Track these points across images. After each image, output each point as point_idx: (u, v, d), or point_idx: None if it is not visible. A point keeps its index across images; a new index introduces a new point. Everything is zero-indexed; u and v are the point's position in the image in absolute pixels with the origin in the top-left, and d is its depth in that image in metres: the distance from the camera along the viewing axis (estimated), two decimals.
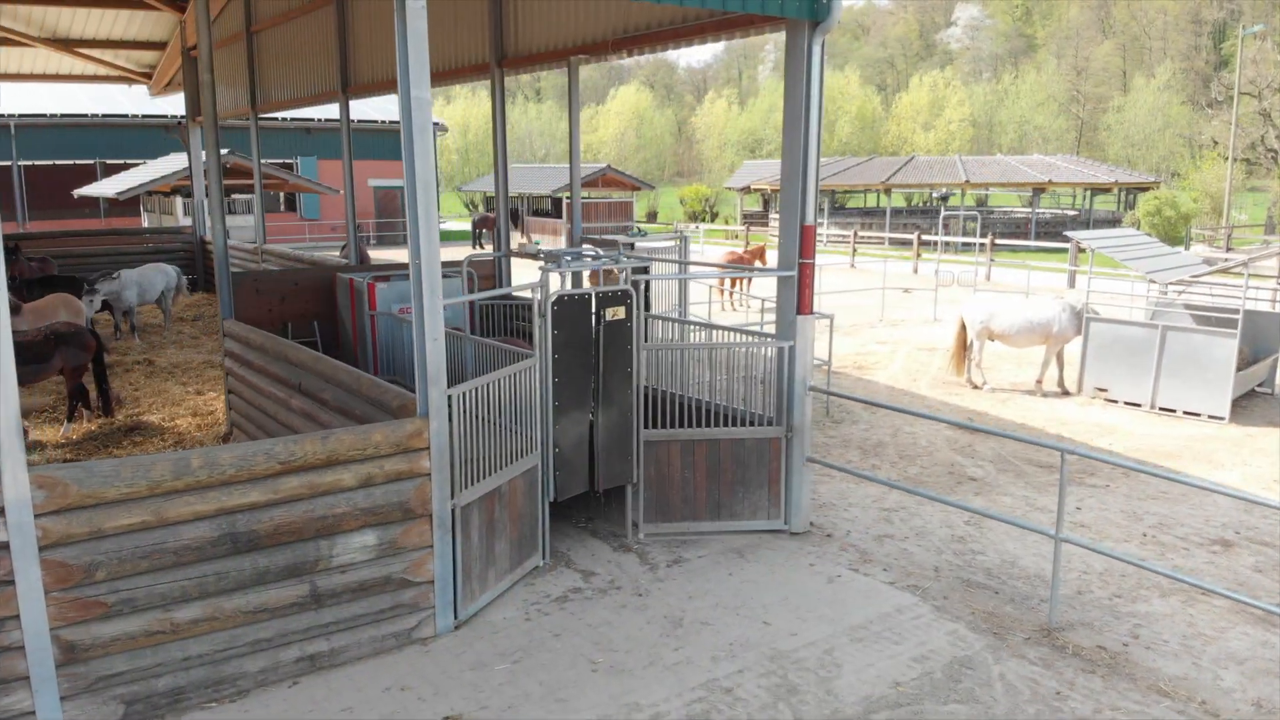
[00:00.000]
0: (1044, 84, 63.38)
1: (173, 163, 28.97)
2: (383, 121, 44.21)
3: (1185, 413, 12.18)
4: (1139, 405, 12.56)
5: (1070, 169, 41.20)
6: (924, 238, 31.59)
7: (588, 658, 6.18)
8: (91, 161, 38.20)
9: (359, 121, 43.28)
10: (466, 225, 48.31)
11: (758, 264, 22.86)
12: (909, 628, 6.61)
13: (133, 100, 36.45)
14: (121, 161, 37.08)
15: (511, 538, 7.10)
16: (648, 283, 9.99)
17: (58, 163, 37.04)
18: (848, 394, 9.15)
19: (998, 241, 33.38)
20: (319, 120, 43.42)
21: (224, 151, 31.69)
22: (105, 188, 33.63)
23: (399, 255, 29.27)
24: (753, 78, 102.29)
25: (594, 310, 7.39)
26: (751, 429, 8.03)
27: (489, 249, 32.72)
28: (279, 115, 41.78)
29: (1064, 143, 63.19)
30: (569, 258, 7.48)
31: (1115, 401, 12.79)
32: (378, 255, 28.87)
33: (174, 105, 34.39)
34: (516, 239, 40.27)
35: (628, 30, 9.51)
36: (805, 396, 8.03)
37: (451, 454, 6.33)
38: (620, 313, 7.52)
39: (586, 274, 9.49)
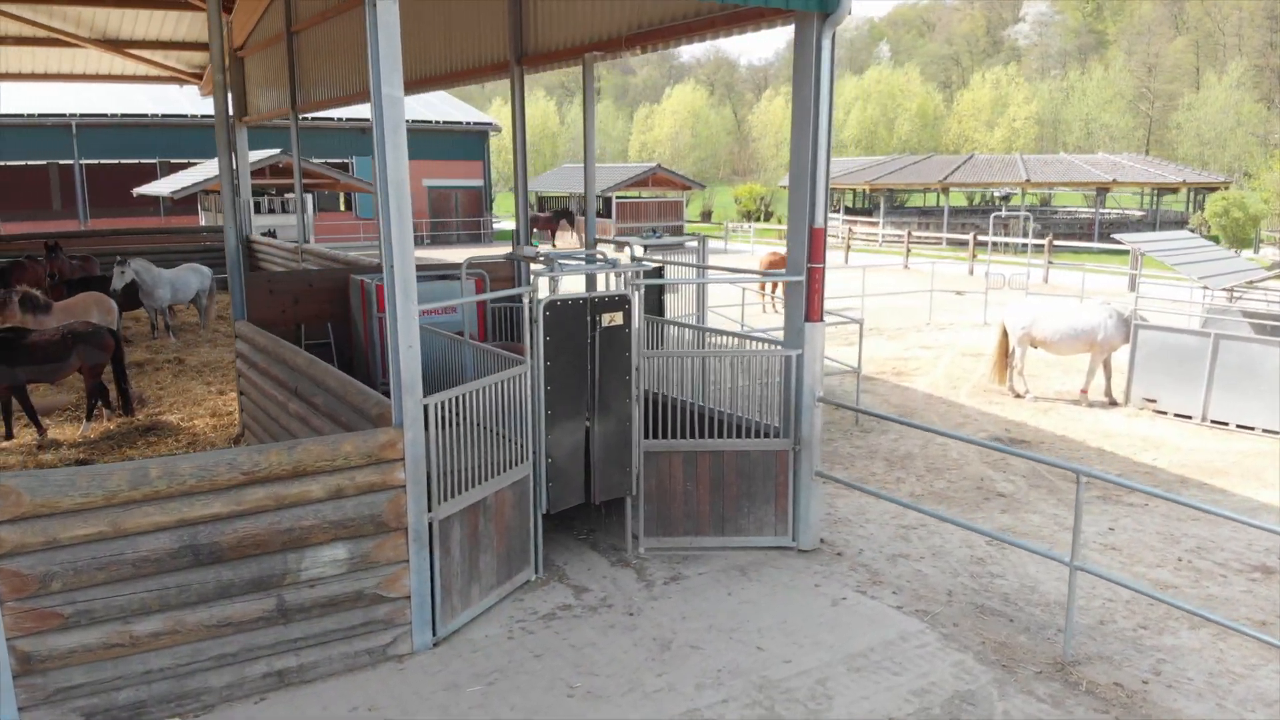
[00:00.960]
0: (1112, 81, 61.42)
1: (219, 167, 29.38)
2: (437, 122, 44.55)
3: (1238, 426, 11.48)
4: (1189, 418, 11.88)
5: (1136, 168, 39.78)
6: (980, 238, 30.66)
7: (566, 681, 5.90)
8: (152, 161, 39.06)
9: (413, 121, 43.68)
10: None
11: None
12: (912, 657, 6.21)
13: (192, 101, 37.13)
14: (185, 161, 37.85)
15: (498, 552, 6.85)
16: (661, 287, 9.71)
17: (118, 162, 37.92)
18: (862, 408, 8.73)
19: (1058, 243, 32.36)
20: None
21: (276, 151, 32.23)
22: (162, 187, 34.35)
23: (451, 255, 29.36)
24: None
25: (589, 315, 7.10)
26: (757, 440, 7.67)
27: (543, 248, 32.63)
28: (334, 115, 42.41)
29: (1132, 141, 61.17)
30: (561, 261, 7.19)
31: (1164, 413, 12.12)
32: (430, 255, 28.98)
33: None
34: (571, 238, 40.17)
35: (641, 25, 9.21)
36: (814, 408, 7.64)
37: (429, 465, 6.09)
38: (618, 318, 7.22)
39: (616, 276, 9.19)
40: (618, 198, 41.03)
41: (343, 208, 43.88)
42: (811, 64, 7.11)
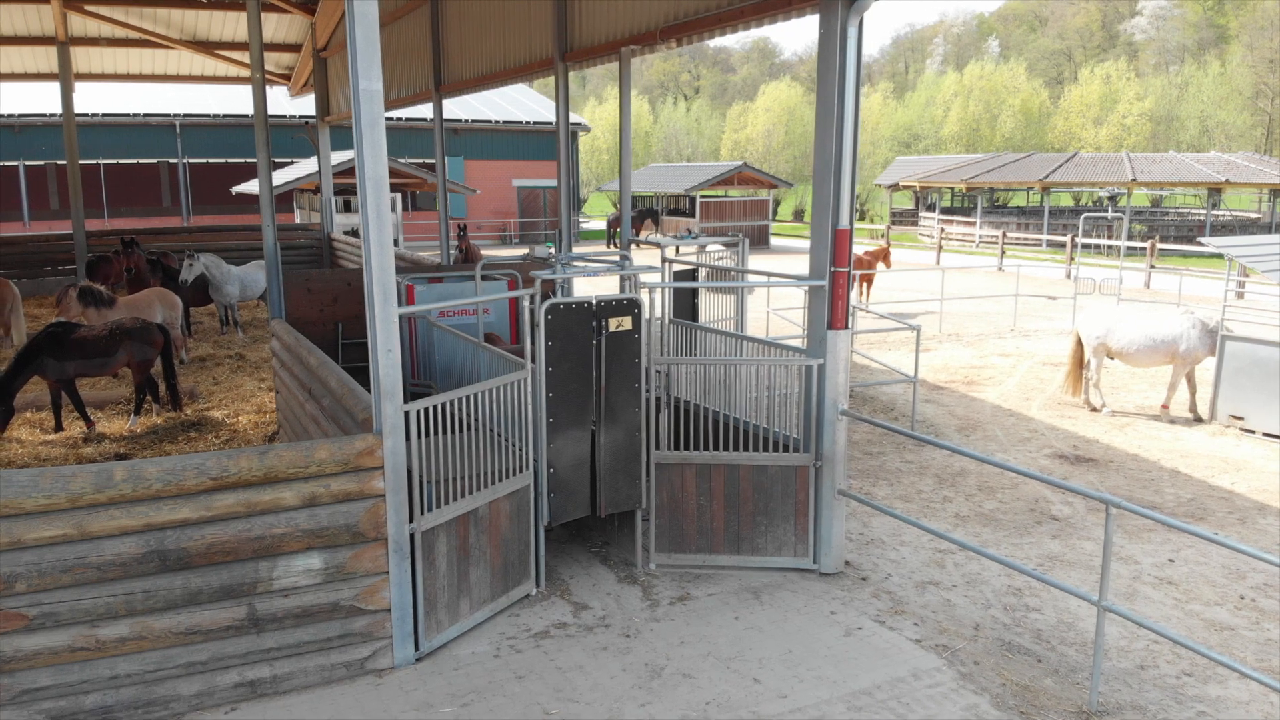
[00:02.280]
0: (1229, 76, 57.94)
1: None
2: (527, 122, 44.85)
3: None
4: (1279, 438, 10.90)
5: (1252, 168, 37.35)
6: (1078, 240, 29.23)
7: (543, 707, 5.60)
8: (253, 160, 40.32)
9: (504, 122, 44.14)
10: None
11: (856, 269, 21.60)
12: (921, 698, 5.71)
13: (294, 102, 38.23)
14: (288, 160, 38.96)
15: (493, 565, 6.59)
16: (694, 290, 9.33)
17: (221, 161, 39.26)
18: (884, 423, 8.19)
19: (1165, 246, 30.64)
20: (466, 121, 44.44)
21: None
22: (257, 185, 35.38)
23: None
24: (919, 70, 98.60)
25: (594, 320, 6.78)
26: (775, 455, 7.23)
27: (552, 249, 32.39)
28: (427, 116, 43.13)
29: (1250, 140, 57.60)
30: (566, 263, 6.89)
31: (1252, 432, 11.14)
32: (508, 254, 29.10)
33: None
34: (655, 238, 39.97)
35: (676, 17, 8.85)
36: (837, 421, 7.16)
37: (411, 474, 5.87)
38: (626, 323, 6.88)
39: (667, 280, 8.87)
40: (702, 196, 40.56)
41: (436, 207, 44.45)
42: (835, 53, 6.64)
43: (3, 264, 20.57)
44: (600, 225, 52.27)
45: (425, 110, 42.42)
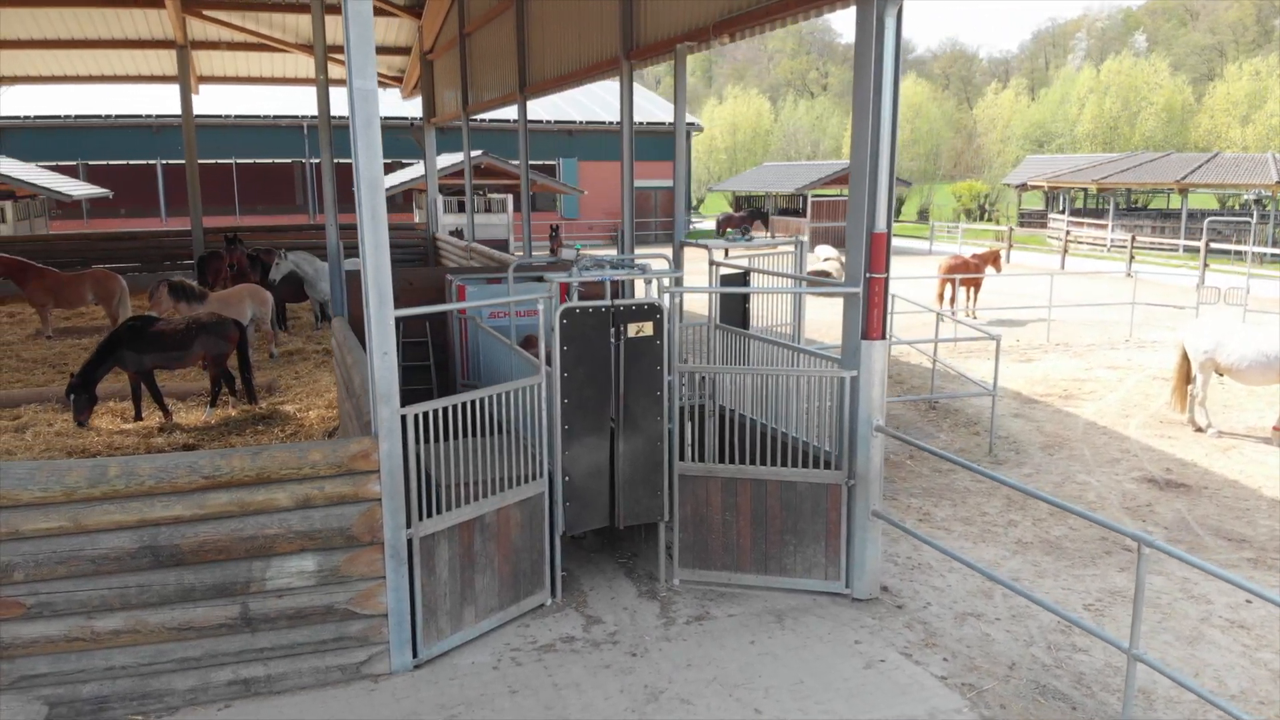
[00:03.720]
0: None
1: (439, 163, 30.74)
2: (640, 123, 44.89)
3: None
4: None
5: None
6: (1213, 245, 27.28)
7: None
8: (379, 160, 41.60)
9: (613, 123, 44.29)
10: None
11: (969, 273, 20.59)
12: None
13: (414, 105, 39.31)
14: (410, 160, 40.13)
15: (501, 574, 6.44)
16: (745, 296, 8.99)
17: (339, 161, 40.60)
18: (916, 441, 7.69)
19: None
20: (580, 122, 44.83)
21: (478, 153, 33.44)
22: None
23: (644, 253, 29.43)
24: (1059, 66, 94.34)
25: (613, 325, 6.56)
26: (804, 471, 6.84)
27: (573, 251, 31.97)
28: (543, 118, 43.68)
29: None
30: (584, 266, 6.68)
31: None
32: (610, 254, 29.14)
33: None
34: (766, 238, 39.35)
35: (729, 13, 8.55)
36: (872, 438, 6.73)
37: (409, 478, 5.77)
38: (646, 328, 6.63)
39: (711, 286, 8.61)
40: (813, 196, 39.72)
41: (554, 207, 44.98)
42: (871, 47, 6.22)
43: (124, 258, 21.76)
44: (712, 225, 51.85)
45: (536, 111, 43.09)
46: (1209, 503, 8.98)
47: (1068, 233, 35.73)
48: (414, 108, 37.73)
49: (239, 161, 40.89)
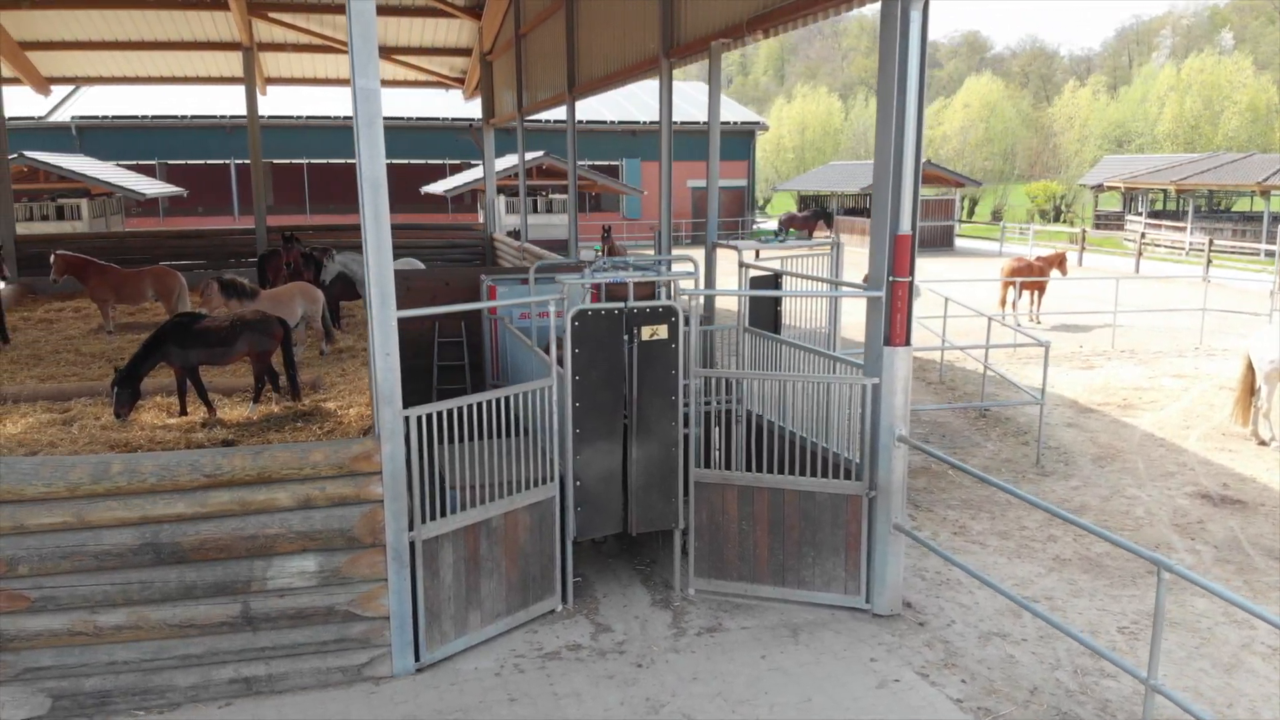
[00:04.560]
0: None
1: (499, 165, 30.95)
2: (704, 123, 44.66)
3: None
4: None
5: None
6: None
7: None
8: (440, 161, 42.21)
9: (680, 123, 44.06)
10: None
11: (1054, 273, 19.92)
12: None
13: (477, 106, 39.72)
14: (476, 162, 40.55)
15: (509, 578, 6.36)
16: (777, 300, 8.78)
17: (412, 161, 41.22)
18: (938, 453, 7.41)
19: None
20: (643, 123, 44.75)
21: (539, 154, 33.60)
22: (438, 187, 36.98)
23: (699, 253, 29.21)
24: (1143, 64, 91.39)
25: (626, 328, 6.43)
26: (823, 481, 6.61)
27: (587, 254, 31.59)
28: (606, 119, 43.74)
29: None
30: (598, 268, 6.56)
31: None
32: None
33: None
34: (827, 238, 38.77)
35: (763, 9, 8.35)
36: (895, 448, 6.48)
37: (412, 480, 5.72)
38: (661, 331, 6.48)
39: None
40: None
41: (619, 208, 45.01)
42: (895, 42, 5.98)
43: (190, 255, 22.31)
44: (774, 225, 51.34)
45: (600, 111, 43.13)
46: (1264, 520, 8.50)
47: (1143, 235, 34.51)
48: (476, 109, 38.28)
49: (310, 162, 41.73)
